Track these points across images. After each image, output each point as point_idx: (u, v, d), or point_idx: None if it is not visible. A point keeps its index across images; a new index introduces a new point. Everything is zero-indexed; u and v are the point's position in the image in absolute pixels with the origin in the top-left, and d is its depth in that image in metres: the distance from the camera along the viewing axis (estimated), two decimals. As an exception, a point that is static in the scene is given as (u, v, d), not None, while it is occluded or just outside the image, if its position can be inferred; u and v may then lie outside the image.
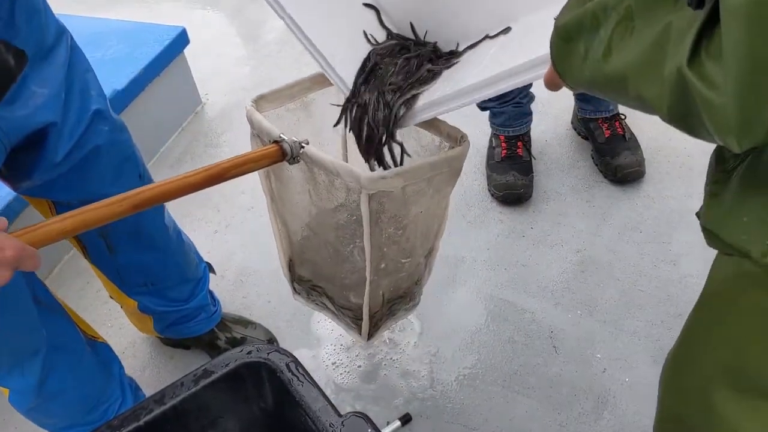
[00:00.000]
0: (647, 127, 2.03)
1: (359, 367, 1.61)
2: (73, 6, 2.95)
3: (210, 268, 1.62)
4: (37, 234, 0.80)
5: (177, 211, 1.99)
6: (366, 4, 1.12)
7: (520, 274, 1.75)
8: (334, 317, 1.34)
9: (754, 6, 0.43)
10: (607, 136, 1.94)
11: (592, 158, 2.00)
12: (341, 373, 1.60)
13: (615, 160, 1.90)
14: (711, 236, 0.69)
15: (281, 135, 1.01)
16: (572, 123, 2.12)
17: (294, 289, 1.39)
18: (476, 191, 1.97)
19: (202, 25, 2.78)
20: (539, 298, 1.69)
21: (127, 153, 1.25)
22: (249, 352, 0.91)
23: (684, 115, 0.54)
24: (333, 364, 1.62)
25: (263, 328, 1.66)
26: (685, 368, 0.83)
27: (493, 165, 1.94)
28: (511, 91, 1.86)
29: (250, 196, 2.06)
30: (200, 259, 1.57)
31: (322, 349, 1.65)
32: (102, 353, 1.39)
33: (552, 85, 0.75)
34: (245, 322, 1.67)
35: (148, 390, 1.59)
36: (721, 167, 0.68)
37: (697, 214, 0.74)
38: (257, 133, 1.13)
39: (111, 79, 1.96)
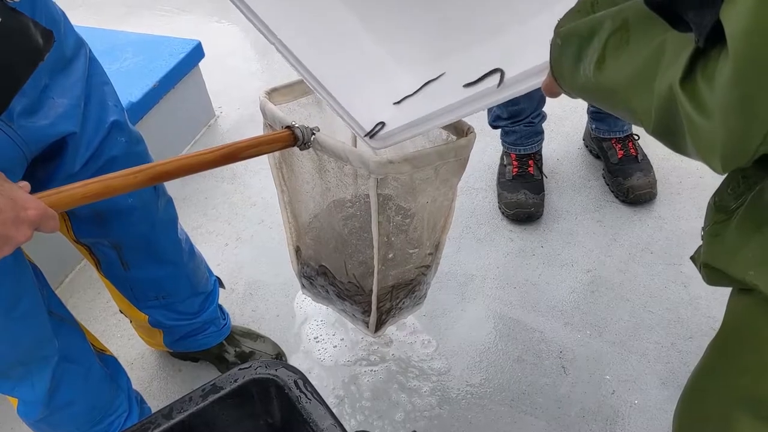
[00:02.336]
0: (660, 148, 2.01)
1: (367, 382, 1.60)
2: (91, 18, 2.99)
3: (219, 282, 1.62)
4: (60, 197, 0.83)
5: (188, 223, 2.00)
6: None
7: (530, 292, 1.75)
8: (340, 311, 1.34)
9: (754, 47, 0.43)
10: (619, 156, 1.93)
11: (604, 178, 1.99)
12: (348, 389, 1.60)
13: (627, 181, 1.90)
14: (715, 273, 0.69)
15: (293, 122, 1.03)
16: (584, 141, 2.12)
17: (302, 284, 1.39)
18: (487, 209, 1.97)
19: (217, 39, 2.80)
20: (549, 317, 1.69)
21: (142, 163, 1.25)
22: (257, 368, 0.91)
23: (669, 132, 0.54)
24: (341, 379, 1.61)
25: (271, 342, 1.66)
26: (704, 397, 0.82)
27: (503, 183, 1.94)
28: (524, 110, 1.87)
29: (261, 209, 2.06)
30: (210, 272, 1.57)
31: (330, 363, 1.65)
32: (110, 366, 1.40)
33: (550, 91, 0.75)
34: (254, 336, 1.67)
35: (156, 402, 1.60)
36: (722, 211, 0.68)
37: (692, 258, 0.75)
38: (270, 123, 1.14)
39: (126, 90, 1.98)
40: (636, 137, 1.98)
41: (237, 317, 1.77)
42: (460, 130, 1.13)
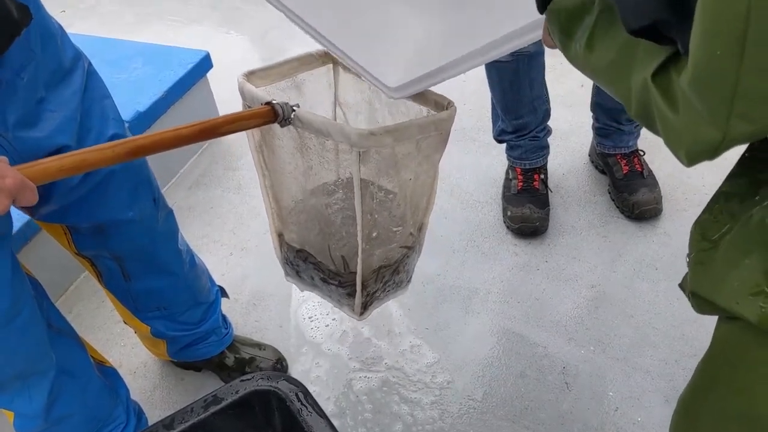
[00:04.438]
0: (665, 164, 2.02)
1: (368, 394, 1.60)
2: (101, 28, 3.02)
3: (223, 292, 1.62)
4: (36, 170, 0.82)
5: (193, 232, 2.01)
6: None
7: (534, 307, 1.74)
8: (326, 296, 1.32)
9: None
10: (625, 172, 1.93)
11: (609, 193, 1.99)
12: (349, 400, 1.59)
13: (632, 197, 1.90)
14: (702, 301, 0.69)
15: (273, 99, 1.03)
16: (590, 157, 2.12)
17: (286, 271, 1.37)
18: (491, 223, 1.97)
19: (226, 49, 2.82)
20: (552, 332, 1.68)
21: (141, 177, 1.26)
22: (259, 380, 0.91)
23: (648, 119, 0.55)
24: (343, 390, 1.61)
25: (272, 349, 1.66)
26: (697, 419, 0.82)
27: (508, 197, 1.94)
28: (528, 124, 1.87)
29: (266, 219, 2.06)
30: (212, 282, 1.58)
31: (332, 374, 1.65)
32: (109, 377, 1.40)
33: (549, 45, 0.76)
34: (255, 344, 1.67)
35: (158, 411, 1.60)
36: (708, 239, 0.68)
37: (680, 286, 0.74)
38: (248, 104, 1.14)
39: (135, 100, 2.00)
40: (641, 153, 1.98)
41: (240, 327, 1.77)
42: (440, 105, 1.14)
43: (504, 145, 1.99)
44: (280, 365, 1.63)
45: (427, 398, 1.58)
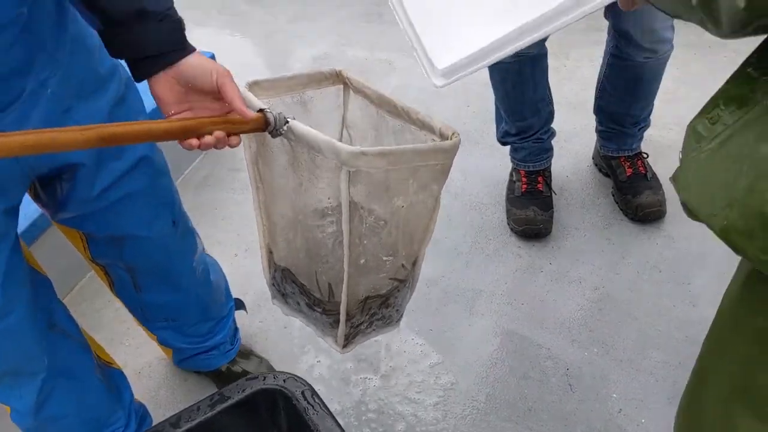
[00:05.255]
0: (669, 167, 2.02)
1: (372, 394, 1.60)
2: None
3: (239, 304, 1.63)
4: None
5: (198, 233, 2.01)
6: None
7: (538, 309, 1.74)
8: (309, 322, 1.26)
9: None
10: (628, 174, 1.94)
11: (613, 196, 2.00)
12: (352, 400, 1.60)
13: (636, 199, 1.90)
14: (688, 210, 0.69)
15: (268, 108, 0.98)
16: (593, 159, 2.12)
17: (272, 293, 1.32)
18: (495, 225, 1.97)
19: (231, 52, 2.83)
20: (556, 334, 1.68)
21: (164, 199, 1.26)
22: (265, 379, 0.92)
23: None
24: (346, 390, 1.62)
25: (267, 365, 1.65)
26: (701, 404, 0.82)
27: (512, 199, 1.95)
28: (532, 126, 1.88)
29: (270, 221, 2.07)
30: (228, 297, 1.57)
31: (336, 375, 1.65)
32: (113, 379, 1.40)
33: (629, 2, 0.75)
34: (252, 356, 1.66)
35: (162, 411, 1.61)
36: (700, 142, 0.67)
37: (671, 178, 0.73)
38: None
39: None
40: (645, 155, 1.98)
41: (245, 328, 1.77)
42: (445, 135, 1.09)
43: (508, 147, 1.99)
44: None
45: (430, 399, 1.59)
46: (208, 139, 0.88)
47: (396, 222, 1.11)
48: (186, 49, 0.93)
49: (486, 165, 2.15)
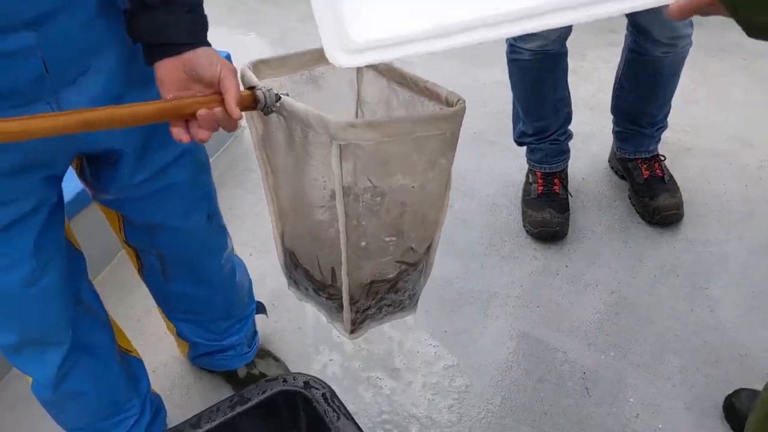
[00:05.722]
0: (686, 170, 2.01)
1: (386, 396, 1.60)
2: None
3: (260, 308, 1.63)
4: None
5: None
6: None
7: (554, 312, 1.73)
8: (319, 307, 1.24)
9: None
10: (645, 176, 1.92)
11: (629, 198, 1.98)
12: (366, 402, 1.59)
13: (653, 202, 1.88)
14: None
15: (260, 86, 0.95)
16: (610, 161, 2.11)
17: (287, 279, 1.30)
18: (511, 226, 1.96)
19: (246, 51, 2.82)
20: (572, 337, 1.67)
21: (202, 193, 1.27)
22: (285, 381, 0.91)
23: None
24: (360, 391, 1.61)
25: (284, 367, 1.65)
26: None
27: (528, 201, 1.93)
28: (549, 127, 1.86)
29: (284, 220, 2.07)
30: (251, 299, 1.58)
31: (349, 376, 1.65)
32: (132, 366, 1.40)
33: (685, 12, 0.69)
34: (270, 356, 1.66)
35: (176, 410, 1.60)
36: None
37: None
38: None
39: (155, 100, 2.00)
40: (662, 158, 1.97)
41: (260, 328, 1.76)
42: (450, 102, 1.02)
43: (524, 148, 1.98)
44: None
45: (445, 401, 1.58)
46: (197, 120, 0.88)
47: (396, 199, 1.05)
48: (203, 44, 0.94)
49: (501, 166, 2.14)
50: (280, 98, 0.95)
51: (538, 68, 1.74)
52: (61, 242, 1.12)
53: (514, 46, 1.73)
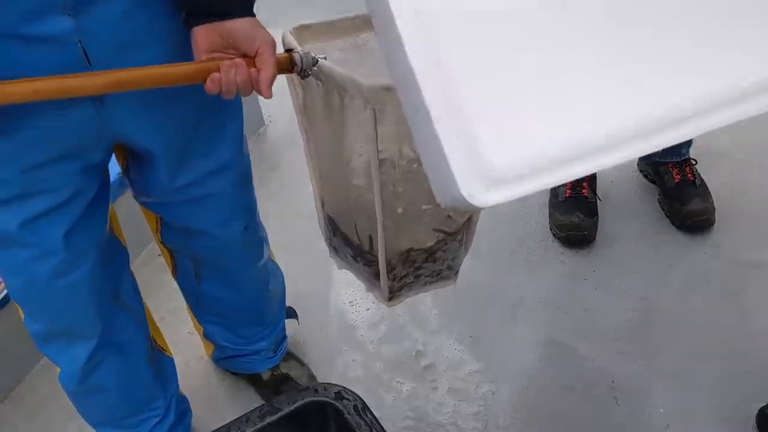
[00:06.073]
0: (718, 175, 1.97)
1: (410, 401, 1.58)
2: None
3: (291, 313, 1.62)
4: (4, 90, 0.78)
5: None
6: None
7: (582, 318, 1.70)
8: (357, 275, 1.24)
9: None
10: (676, 181, 1.88)
11: (659, 203, 1.94)
12: (390, 407, 1.57)
13: (684, 207, 1.85)
14: None
15: (298, 49, 0.94)
16: (638, 165, 2.07)
17: (328, 247, 1.30)
18: (538, 230, 1.93)
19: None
20: (601, 345, 1.64)
21: (241, 204, 1.26)
22: (316, 391, 0.89)
23: None
24: (383, 396, 1.59)
25: (308, 371, 1.63)
26: None
27: (556, 204, 1.90)
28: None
29: (308, 219, 2.04)
30: (282, 307, 1.56)
31: (372, 380, 1.63)
32: (162, 366, 1.40)
33: None
34: (294, 358, 1.64)
35: (198, 411, 1.59)
36: None
37: None
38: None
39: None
40: (693, 162, 1.93)
41: (282, 329, 1.76)
42: None
43: (552, 150, 1.94)
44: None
45: (470, 408, 1.55)
46: (227, 74, 0.86)
47: None
48: (249, 15, 0.91)
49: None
50: (317, 62, 0.93)
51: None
52: (99, 236, 1.11)
53: None
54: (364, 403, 0.88)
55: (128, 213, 1.38)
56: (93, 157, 1.02)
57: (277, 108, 2.48)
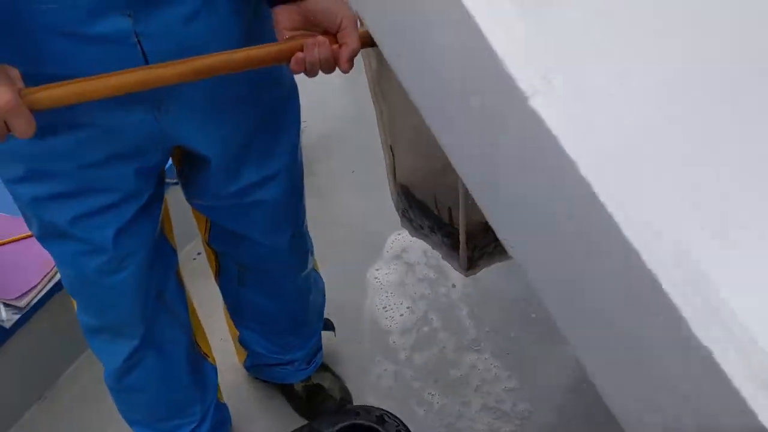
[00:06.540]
0: None
1: (444, 417, 1.55)
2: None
3: (329, 325, 1.61)
4: (53, 93, 0.76)
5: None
6: None
7: (622, 339, 1.66)
8: (433, 245, 1.24)
9: None
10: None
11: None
12: (425, 422, 1.54)
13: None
14: None
15: None
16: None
17: (399, 215, 1.29)
18: (578, 245, 1.89)
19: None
20: (642, 367, 1.60)
21: (290, 213, 1.25)
22: (358, 414, 0.87)
23: None
24: (418, 411, 1.56)
25: (340, 384, 1.61)
26: None
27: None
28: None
29: (345, 228, 2.04)
30: (320, 319, 1.55)
31: (407, 392, 1.60)
32: (203, 372, 1.39)
33: None
34: (324, 369, 1.62)
35: (233, 420, 1.58)
36: None
37: None
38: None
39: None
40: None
41: (315, 338, 1.74)
42: None
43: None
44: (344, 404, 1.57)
45: (506, 426, 1.52)
46: (310, 53, 0.85)
47: None
48: None
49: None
50: None
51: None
52: (149, 238, 1.11)
53: None
54: (406, 428, 0.86)
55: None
56: (150, 160, 1.02)
57: (313, 115, 2.47)
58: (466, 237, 1.10)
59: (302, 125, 2.46)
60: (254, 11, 0.98)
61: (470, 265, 1.16)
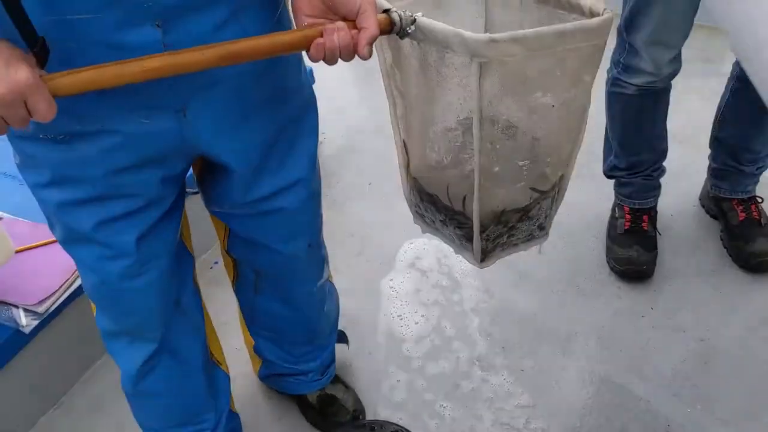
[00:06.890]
0: (786, 213, 1.89)
1: (453, 430, 1.55)
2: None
3: (342, 337, 1.61)
4: (79, 77, 0.75)
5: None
6: None
7: (637, 356, 1.65)
8: (445, 239, 1.22)
9: None
10: (741, 219, 1.82)
11: (722, 240, 1.88)
12: (438, 438, 1.54)
13: (749, 247, 1.78)
14: None
15: (393, 8, 0.93)
16: (701, 199, 2.01)
17: (412, 212, 1.28)
18: (593, 261, 1.88)
19: (324, 65, 2.82)
20: (656, 385, 1.58)
21: (308, 222, 1.26)
22: (372, 429, 0.87)
23: None
24: (432, 425, 1.56)
25: (354, 396, 1.59)
26: None
27: (614, 236, 1.85)
28: (643, 162, 1.79)
29: (358, 240, 2.04)
30: (334, 329, 1.55)
31: (421, 407, 1.60)
32: (216, 379, 1.40)
33: None
34: (336, 380, 1.62)
35: (244, 428, 1.58)
36: None
37: None
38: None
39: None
40: (760, 200, 1.86)
41: (329, 350, 1.74)
42: (594, 12, 0.96)
43: (610, 180, 1.90)
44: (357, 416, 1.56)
45: (518, 443, 1.52)
46: (330, 38, 0.85)
47: (536, 121, 1.01)
48: None
49: (585, 198, 2.06)
50: (415, 20, 0.92)
51: (640, 103, 1.67)
52: (170, 243, 1.12)
53: (618, 79, 1.65)
54: (421, 444, 0.86)
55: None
56: (174, 167, 1.03)
57: (332, 126, 2.48)
58: (480, 227, 1.09)
59: (321, 136, 2.49)
60: (278, 20, 0.99)
61: (484, 257, 1.14)
